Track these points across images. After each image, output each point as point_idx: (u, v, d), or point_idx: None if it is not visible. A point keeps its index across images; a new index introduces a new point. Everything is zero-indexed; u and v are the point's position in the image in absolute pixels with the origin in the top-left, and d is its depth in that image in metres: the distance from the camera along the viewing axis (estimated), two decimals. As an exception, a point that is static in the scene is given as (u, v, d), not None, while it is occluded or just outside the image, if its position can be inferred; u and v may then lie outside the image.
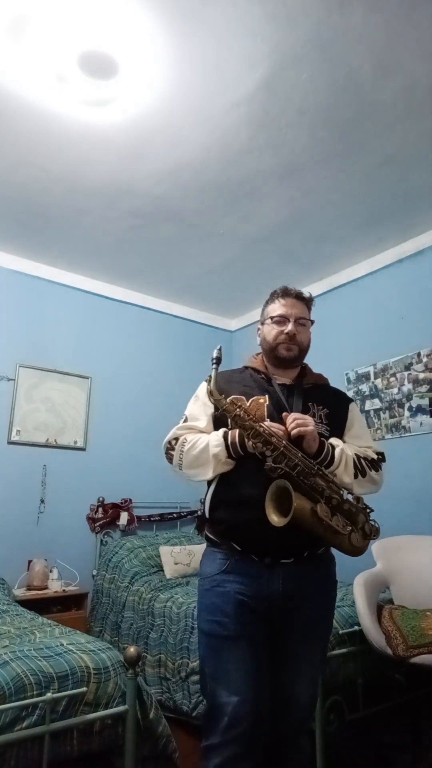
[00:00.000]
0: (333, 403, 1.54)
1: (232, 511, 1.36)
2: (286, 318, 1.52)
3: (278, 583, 1.31)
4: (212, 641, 1.32)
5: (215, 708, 1.26)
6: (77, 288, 3.94)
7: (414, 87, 2.20)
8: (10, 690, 1.38)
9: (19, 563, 3.27)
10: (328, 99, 2.27)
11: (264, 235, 3.37)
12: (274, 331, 1.52)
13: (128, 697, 1.53)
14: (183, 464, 1.42)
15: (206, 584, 1.37)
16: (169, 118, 2.39)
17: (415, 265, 3.39)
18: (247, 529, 1.33)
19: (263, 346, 1.57)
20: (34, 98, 2.27)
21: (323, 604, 1.40)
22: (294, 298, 1.56)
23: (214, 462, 1.35)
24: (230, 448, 1.34)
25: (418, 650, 1.85)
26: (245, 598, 1.30)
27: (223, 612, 1.30)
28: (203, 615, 1.36)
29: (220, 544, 1.38)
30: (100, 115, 2.37)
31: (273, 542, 1.30)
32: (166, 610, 2.67)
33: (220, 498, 1.40)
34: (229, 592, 1.31)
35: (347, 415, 1.56)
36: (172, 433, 1.48)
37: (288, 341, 1.50)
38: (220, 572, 1.34)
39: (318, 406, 1.50)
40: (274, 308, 1.55)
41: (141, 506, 3.83)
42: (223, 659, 1.28)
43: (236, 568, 1.33)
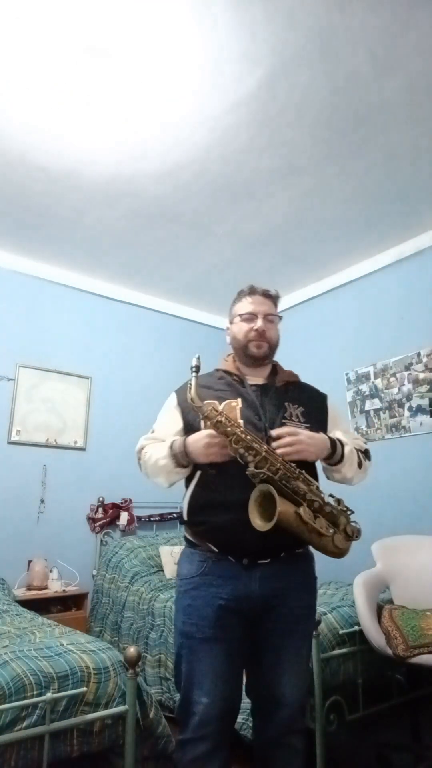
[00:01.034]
0: (308, 401, 1.55)
1: (211, 513, 1.36)
2: (254, 315, 1.52)
3: (256, 583, 1.31)
4: (188, 642, 1.33)
5: (188, 705, 1.30)
6: (77, 288, 3.94)
7: (414, 87, 2.20)
8: (10, 690, 1.38)
9: (19, 563, 3.27)
10: (328, 99, 2.27)
11: (264, 235, 3.37)
12: (243, 329, 1.52)
13: (128, 697, 1.53)
14: (148, 473, 1.47)
15: (184, 585, 1.38)
16: (169, 118, 2.39)
17: (415, 265, 3.39)
18: (226, 532, 1.33)
19: (234, 345, 1.57)
20: (34, 98, 2.27)
21: (304, 602, 1.40)
22: (261, 295, 1.56)
23: (164, 473, 1.40)
24: (176, 457, 1.36)
25: (418, 650, 1.84)
26: (223, 601, 1.30)
27: (199, 615, 1.31)
28: (180, 616, 1.37)
29: (198, 545, 1.39)
30: (101, 115, 2.37)
31: (251, 544, 1.30)
32: (166, 610, 2.67)
33: (198, 500, 1.40)
34: (206, 595, 1.32)
35: (326, 410, 1.57)
36: (139, 443, 1.52)
37: (258, 338, 1.50)
38: (198, 574, 1.35)
39: (293, 405, 1.49)
40: (241, 306, 1.55)
41: (141, 506, 3.83)
42: (198, 661, 1.30)
43: (214, 570, 1.34)
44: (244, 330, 1.52)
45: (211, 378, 1.56)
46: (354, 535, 1.36)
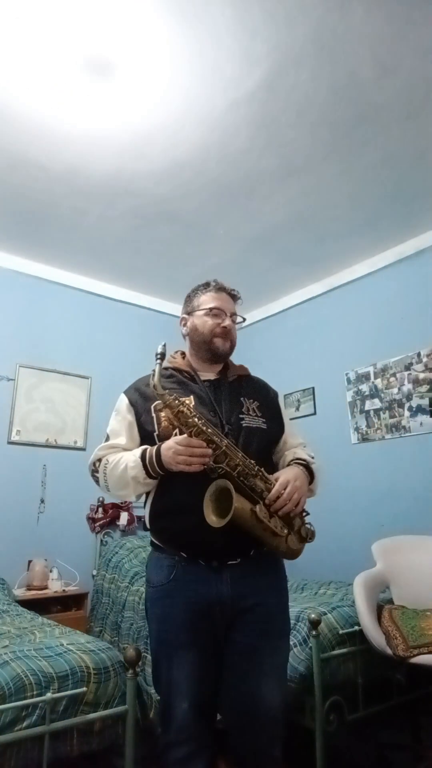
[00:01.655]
0: (262, 395, 1.52)
1: (174, 518, 1.33)
2: (222, 311, 1.48)
3: (227, 585, 1.29)
4: (164, 649, 1.31)
5: (168, 710, 1.29)
6: (77, 288, 3.94)
7: (414, 87, 2.20)
8: (10, 690, 1.38)
9: (19, 563, 3.27)
10: (328, 99, 2.27)
11: (264, 235, 3.37)
12: (209, 323, 1.47)
13: (128, 697, 1.53)
14: (109, 485, 1.38)
15: (155, 593, 1.35)
16: (169, 118, 2.39)
17: (415, 265, 3.39)
18: (191, 535, 1.29)
19: (193, 338, 1.50)
20: (35, 98, 2.27)
21: (276, 600, 1.37)
22: (228, 294, 1.53)
23: (133, 483, 1.33)
24: (148, 467, 1.30)
25: (418, 650, 1.85)
26: (195, 606, 1.28)
27: (173, 622, 1.29)
28: (153, 624, 1.36)
29: (165, 550, 1.36)
30: (100, 115, 2.37)
31: (218, 545, 1.27)
32: (166, 610, 2.66)
33: (159, 506, 1.36)
34: (177, 601, 1.30)
35: (278, 407, 1.54)
36: (95, 454, 1.43)
37: (224, 335, 1.47)
38: (168, 581, 1.32)
39: (249, 400, 1.46)
40: (206, 300, 1.50)
41: (141, 506, 3.82)
42: (175, 667, 1.28)
43: (184, 575, 1.31)
44: (209, 324, 1.47)
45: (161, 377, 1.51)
46: (308, 537, 1.35)
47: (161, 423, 1.37)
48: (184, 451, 1.23)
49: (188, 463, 1.23)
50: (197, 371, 1.49)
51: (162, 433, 1.36)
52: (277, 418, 1.50)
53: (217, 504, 1.23)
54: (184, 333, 1.55)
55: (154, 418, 1.39)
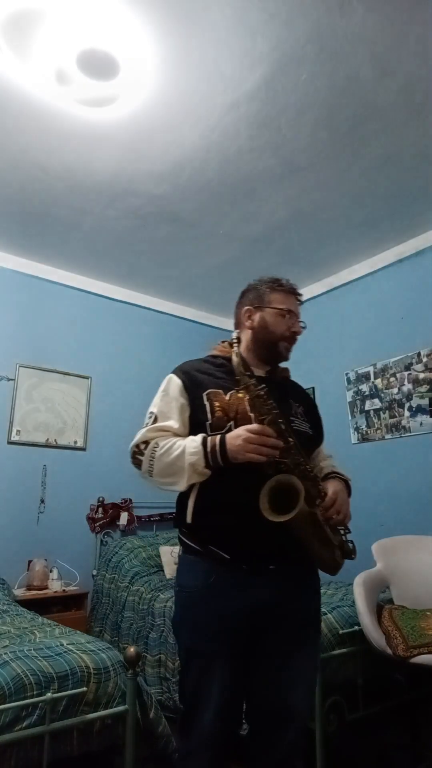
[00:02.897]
0: (306, 400, 1.49)
1: (221, 516, 1.24)
2: (295, 315, 1.43)
3: (266, 590, 1.23)
4: (194, 659, 1.25)
5: (193, 719, 1.23)
6: (77, 288, 3.94)
7: (414, 87, 2.20)
8: (10, 690, 1.38)
9: (19, 563, 3.27)
10: (328, 99, 2.27)
11: (264, 235, 3.37)
12: (283, 324, 1.41)
13: (128, 697, 1.53)
14: (154, 471, 1.28)
15: (188, 599, 1.28)
16: (169, 117, 2.39)
17: (415, 265, 3.39)
18: (238, 535, 1.23)
19: (259, 333, 1.42)
20: (34, 98, 2.27)
21: (312, 606, 1.34)
22: (297, 300, 1.49)
23: (189, 471, 1.22)
24: (209, 456, 1.20)
25: (418, 650, 1.84)
26: (231, 614, 1.21)
27: (208, 631, 1.22)
28: (184, 631, 1.29)
29: (203, 552, 1.26)
30: (100, 115, 2.37)
31: (263, 548, 1.22)
32: (166, 610, 2.67)
33: (205, 502, 1.27)
34: (214, 609, 1.22)
35: (319, 416, 1.52)
36: (142, 434, 1.33)
37: (292, 341, 1.42)
38: (205, 586, 1.24)
39: (296, 403, 1.43)
40: (280, 299, 1.44)
41: (141, 506, 3.83)
42: (207, 678, 1.22)
43: (222, 580, 1.23)
44: (282, 325, 1.41)
45: (208, 365, 1.43)
46: (350, 553, 1.31)
47: (215, 412, 1.29)
48: (257, 439, 1.16)
49: (259, 452, 1.16)
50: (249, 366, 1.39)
51: (215, 423, 1.28)
52: (318, 426, 1.48)
53: (273, 500, 1.15)
54: (247, 325, 1.45)
55: (207, 406, 1.30)
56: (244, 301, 1.51)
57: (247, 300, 1.49)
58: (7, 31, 1.95)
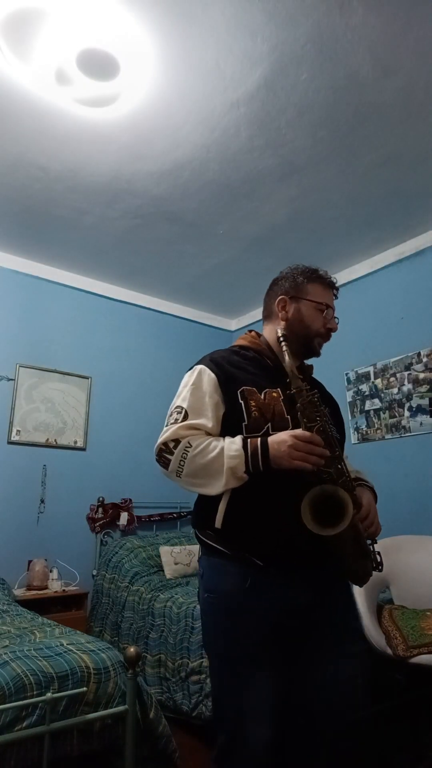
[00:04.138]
0: (330, 400, 1.43)
1: (257, 522, 1.17)
2: (332, 311, 1.36)
3: (303, 596, 1.17)
4: (233, 668, 1.15)
5: (237, 738, 1.13)
6: (77, 288, 3.94)
7: (414, 87, 2.20)
8: (10, 690, 1.38)
9: (19, 563, 3.27)
10: (328, 99, 2.27)
11: (264, 235, 3.37)
12: (320, 319, 1.33)
13: (128, 697, 1.53)
14: (185, 472, 1.17)
15: (221, 604, 1.19)
16: (169, 118, 2.39)
17: (415, 265, 3.39)
18: (274, 542, 1.16)
19: (293, 326, 1.32)
20: (34, 98, 2.27)
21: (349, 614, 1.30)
22: (335, 295, 1.42)
23: (227, 475, 1.12)
24: (250, 461, 1.12)
25: (418, 650, 1.85)
26: (270, 619, 1.14)
27: (245, 636, 1.14)
28: (219, 641, 1.19)
29: (233, 557, 1.18)
30: (100, 115, 2.37)
31: (301, 556, 1.16)
32: (166, 610, 2.67)
33: (239, 507, 1.18)
34: (251, 614, 1.15)
35: (341, 416, 1.45)
36: (172, 432, 1.20)
37: (327, 337, 1.35)
38: (239, 590, 1.16)
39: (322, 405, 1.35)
40: (319, 292, 1.36)
41: (141, 506, 3.83)
42: (248, 688, 1.13)
43: (257, 585, 1.15)
44: (319, 320, 1.33)
45: (239, 358, 1.32)
46: (379, 566, 1.25)
47: (251, 413, 1.20)
48: (305, 447, 1.09)
49: (306, 461, 1.09)
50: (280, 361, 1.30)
51: (251, 424, 1.19)
52: (342, 428, 1.40)
53: (315, 510, 1.09)
54: (281, 316, 1.34)
55: (242, 405, 1.21)
56: (277, 290, 1.40)
57: (281, 289, 1.39)
58: (7, 31, 1.95)
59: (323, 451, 1.12)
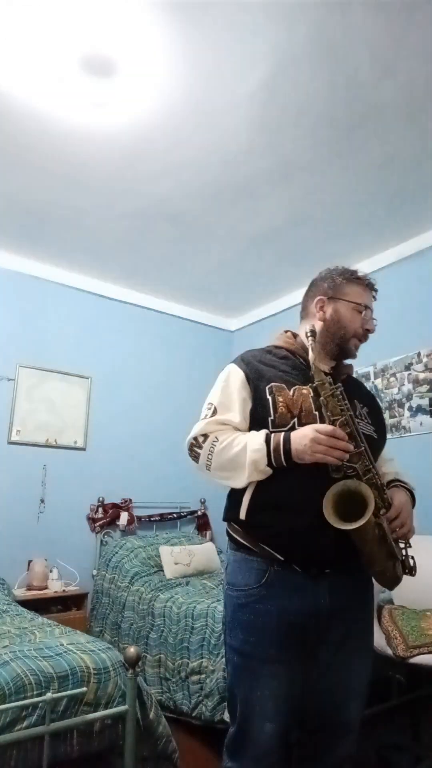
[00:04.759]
0: (371, 400, 1.41)
1: (280, 515, 1.17)
2: (371, 312, 1.36)
3: (325, 595, 1.17)
4: (247, 663, 1.18)
5: (246, 733, 1.16)
6: (77, 288, 3.94)
7: (414, 87, 2.20)
8: (10, 690, 1.38)
9: (19, 563, 3.27)
10: (328, 99, 2.27)
11: (264, 235, 3.37)
12: (358, 320, 1.34)
13: (128, 697, 1.53)
14: (213, 465, 1.22)
15: (241, 598, 1.20)
16: (169, 118, 2.38)
17: (414, 265, 3.39)
18: (296, 537, 1.16)
19: (330, 326, 1.33)
20: (35, 98, 2.27)
21: (368, 614, 1.28)
22: (374, 296, 1.42)
23: (250, 469, 1.16)
24: (272, 455, 1.15)
25: (418, 650, 1.85)
26: (290, 617, 1.15)
27: (261, 632, 1.15)
28: (237, 633, 1.20)
29: (256, 551, 1.20)
30: (100, 116, 2.37)
31: (322, 552, 1.15)
32: (166, 610, 2.67)
33: (263, 499, 1.20)
34: (270, 610, 1.16)
35: (383, 417, 1.44)
36: (201, 427, 1.26)
37: (365, 339, 1.35)
38: (259, 585, 1.17)
39: (360, 404, 1.34)
40: (358, 293, 1.37)
41: (141, 506, 3.83)
42: (259, 685, 1.15)
43: (277, 581, 1.17)
44: (357, 321, 1.34)
45: (271, 356, 1.34)
46: (412, 570, 1.23)
47: (278, 408, 1.22)
48: (326, 440, 1.10)
49: (328, 454, 1.10)
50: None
51: (278, 420, 1.21)
52: (382, 428, 1.39)
53: (338, 506, 1.09)
54: (318, 316, 1.36)
55: (269, 401, 1.23)
56: (315, 290, 1.41)
57: (320, 289, 1.40)
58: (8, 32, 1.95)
59: (346, 445, 1.12)
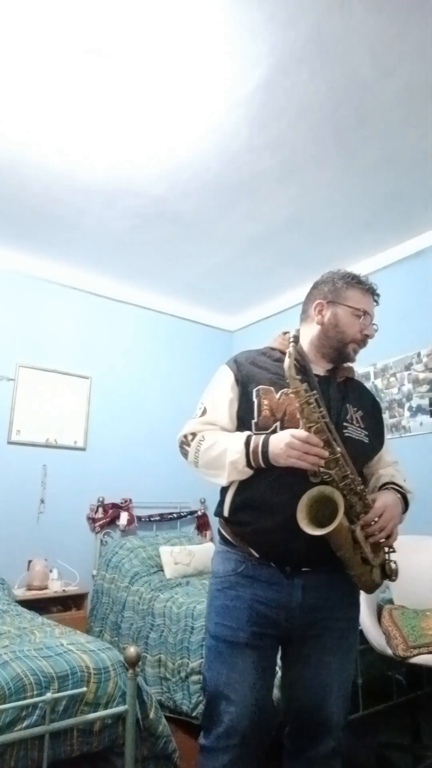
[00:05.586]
0: (366, 404, 1.40)
1: (256, 514, 1.23)
2: (370, 318, 1.37)
3: (298, 593, 1.20)
4: (219, 645, 1.23)
5: (214, 712, 1.21)
6: (77, 288, 3.94)
7: (414, 87, 2.20)
8: (10, 690, 1.38)
9: (19, 563, 3.27)
10: (328, 99, 2.27)
11: (264, 235, 3.37)
12: (355, 325, 1.34)
13: (128, 697, 1.53)
14: (200, 463, 1.28)
15: (218, 584, 1.27)
16: (169, 117, 2.38)
17: (414, 265, 3.39)
18: (271, 536, 1.21)
19: (329, 330, 1.34)
20: (34, 98, 2.27)
21: (349, 614, 1.29)
22: (375, 301, 1.42)
23: (230, 468, 1.22)
24: (250, 456, 1.19)
25: (418, 650, 1.84)
26: (262, 605, 1.20)
27: (234, 617, 1.21)
28: (212, 617, 1.26)
29: (236, 546, 1.27)
30: (100, 115, 2.37)
31: (297, 552, 1.18)
32: (166, 610, 2.67)
33: (243, 498, 1.26)
34: (243, 596, 1.21)
35: (382, 420, 1.44)
36: (190, 426, 1.33)
37: (364, 344, 1.36)
38: (235, 573, 1.24)
39: (354, 408, 1.34)
40: (358, 297, 1.36)
41: (141, 506, 3.83)
42: (228, 666, 1.20)
43: (253, 571, 1.23)
44: (355, 326, 1.34)
45: (265, 357, 1.37)
46: (392, 575, 1.24)
47: (262, 411, 1.26)
48: (301, 447, 1.12)
49: (302, 459, 1.13)
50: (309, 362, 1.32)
51: (261, 422, 1.25)
52: (379, 433, 1.40)
53: (312, 511, 1.12)
54: (317, 320, 1.37)
55: (255, 403, 1.27)
56: (316, 293, 1.42)
57: (320, 293, 1.40)
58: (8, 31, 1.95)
59: (320, 451, 1.14)
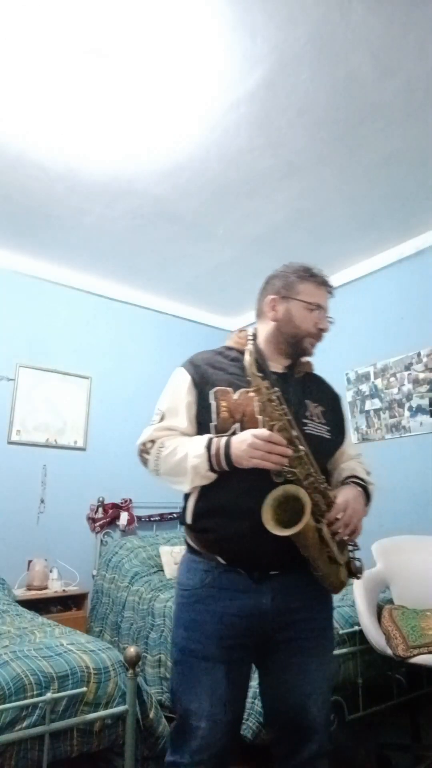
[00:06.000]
0: (327, 399, 1.38)
1: (220, 520, 1.19)
2: (324, 311, 1.33)
3: (268, 597, 1.17)
4: (188, 660, 1.18)
5: (185, 728, 1.16)
6: (77, 288, 3.94)
7: (414, 87, 2.20)
8: (10, 690, 1.38)
9: (19, 563, 3.27)
10: (328, 99, 2.27)
11: (264, 235, 3.37)
12: (309, 319, 1.30)
13: (128, 697, 1.53)
14: (160, 471, 1.24)
15: (186, 598, 1.22)
16: (169, 117, 2.38)
17: (414, 265, 3.39)
18: (237, 542, 1.17)
19: (282, 326, 1.32)
20: (34, 98, 2.27)
21: (321, 614, 1.26)
22: (329, 292, 1.38)
23: (192, 474, 1.17)
24: (212, 460, 1.15)
25: (418, 650, 1.84)
26: (230, 618, 1.16)
27: (202, 632, 1.17)
28: (180, 631, 1.22)
29: (201, 554, 1.22)
30: (100, 115, 2.37)
31: (264, 556, 1.15)
32: (166, 610, 2.67)
33: (205, 504, 1.22)
34: (212, 609, 1.17)
35: (342, 414, 1.41)
36: (148, 434, 1.28)
37: (319, 338, 1.32)
38: (203, 586, 1.19)
39: (314, 403, 1.31)
40: (310, 291, 1.34)
41: (141, 506, 3.83)
42: (197, 682, 1.15)
43: (220, 582, 1.18)
44: (309, 320, 1.30)
45: (222, 357, 1.33)
46: (357, 572, 1.23)
47: (220, 413, 1.22)
48: (263, 446, 1.09)
49: (265, 459, 1.09)
50: (267, 359, 1.30)
51: (220, 425, 1.21)
52: (340, 427, 1.36)
53: (277, 511, 1.09)
54: (270, 316, 1.34)
55: (213, 405, 1.23)
56: (269, 288, 1.40)
57: (272, 288, 1.39)
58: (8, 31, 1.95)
59: (284, 450, 1.11)
